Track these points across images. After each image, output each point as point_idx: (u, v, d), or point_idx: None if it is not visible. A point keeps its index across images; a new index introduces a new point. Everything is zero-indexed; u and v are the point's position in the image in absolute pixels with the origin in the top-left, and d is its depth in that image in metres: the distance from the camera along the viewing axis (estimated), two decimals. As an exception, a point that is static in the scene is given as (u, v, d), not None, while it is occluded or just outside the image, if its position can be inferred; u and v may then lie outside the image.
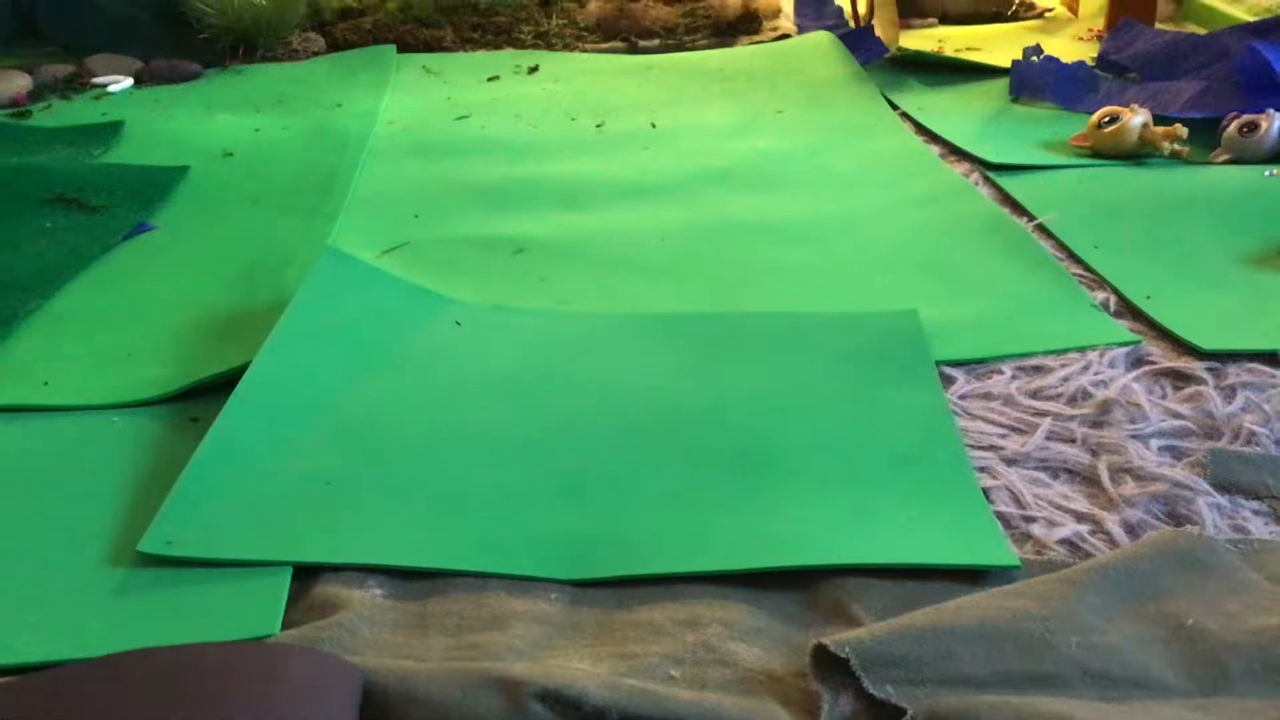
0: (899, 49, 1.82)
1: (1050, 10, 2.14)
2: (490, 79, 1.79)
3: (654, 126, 1.52)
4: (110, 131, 1.51)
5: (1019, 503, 0.70)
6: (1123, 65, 1.65)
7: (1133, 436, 0.76)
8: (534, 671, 0.52)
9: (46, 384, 0.85)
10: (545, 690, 0.51)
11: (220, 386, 0.80)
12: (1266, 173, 1.23)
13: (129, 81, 1.78)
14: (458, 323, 0.93)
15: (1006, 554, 0.64)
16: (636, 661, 0.56)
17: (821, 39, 1.89)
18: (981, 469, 0.73)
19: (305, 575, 0.63)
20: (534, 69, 1.83)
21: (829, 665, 0.54)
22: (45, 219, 1.18)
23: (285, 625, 0.60)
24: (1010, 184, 1.24)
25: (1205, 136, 1.32)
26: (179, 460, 0.72)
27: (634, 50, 1.98)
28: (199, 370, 0.85)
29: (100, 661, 0.51)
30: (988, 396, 0.82)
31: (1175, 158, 1.29)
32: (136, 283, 1.05)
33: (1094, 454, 0.75)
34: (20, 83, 1.70)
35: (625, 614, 0.61)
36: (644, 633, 0.59)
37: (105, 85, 1.76)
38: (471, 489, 0.71)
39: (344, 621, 0.58)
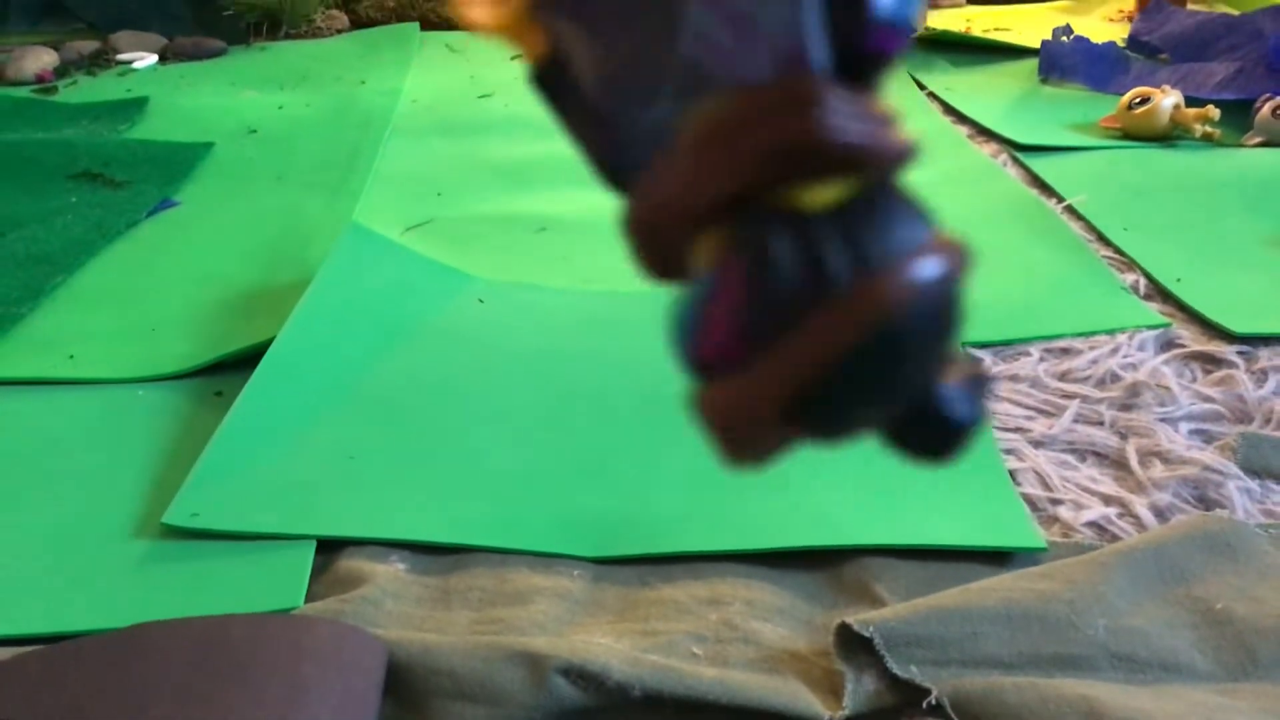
0: (926, 28, 1.80)
1: (1080, -10, 2.12)
2: (514, 57, 1.78)
3: (678, 106, 1.51)
4: (135, 108, 1.51)
5: (1046, 485, 0.69)
6: (1154, 46, 1.63)
7: (1162, 420, 0.75)
8: (557, 646, 0.52)
9: (72, 357, 0.86)
10: (568, 665, 0.51)
11: (245, 361, 0.80)
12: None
13: (154, 58, 1.78)
14: (480, 300, 0.93)
15: (1033, 536, 0.64)
16: (659, 639, 0.56)
17: (847, 19, 1.88)
18: (1008, 451, 0.72)
19: (329, 549, 0.64)
20: (558, 48, 1.83)
21: (853, 644, 0.54)
22: (70, 194, 1.19)
23: (309, 598, 0.60)
24: (1039, 165, 1.23)
25: (1238, 119, 1.30)
26: (204, 434, 0.72)
27: (658, 29, 1.97)
28: (223, 345, 0.85)
29: (125, 632, 0.51)
30: (1015, 378, 0.81)
31: (1207, 140, 1.27)
32: (161, 258, 1.06)
33: (1122, 437, 0.74)
34: (46, 59, 1.70)
35: (648, 591, 0.61)
36: (667, 610, 0.59)
37: (130, 62, 1.76)
38: (494, 465, 0.71)
39: (368, 595, 0.58)
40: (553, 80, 0.25)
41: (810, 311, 0.21)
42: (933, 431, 0.24)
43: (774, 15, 0.22)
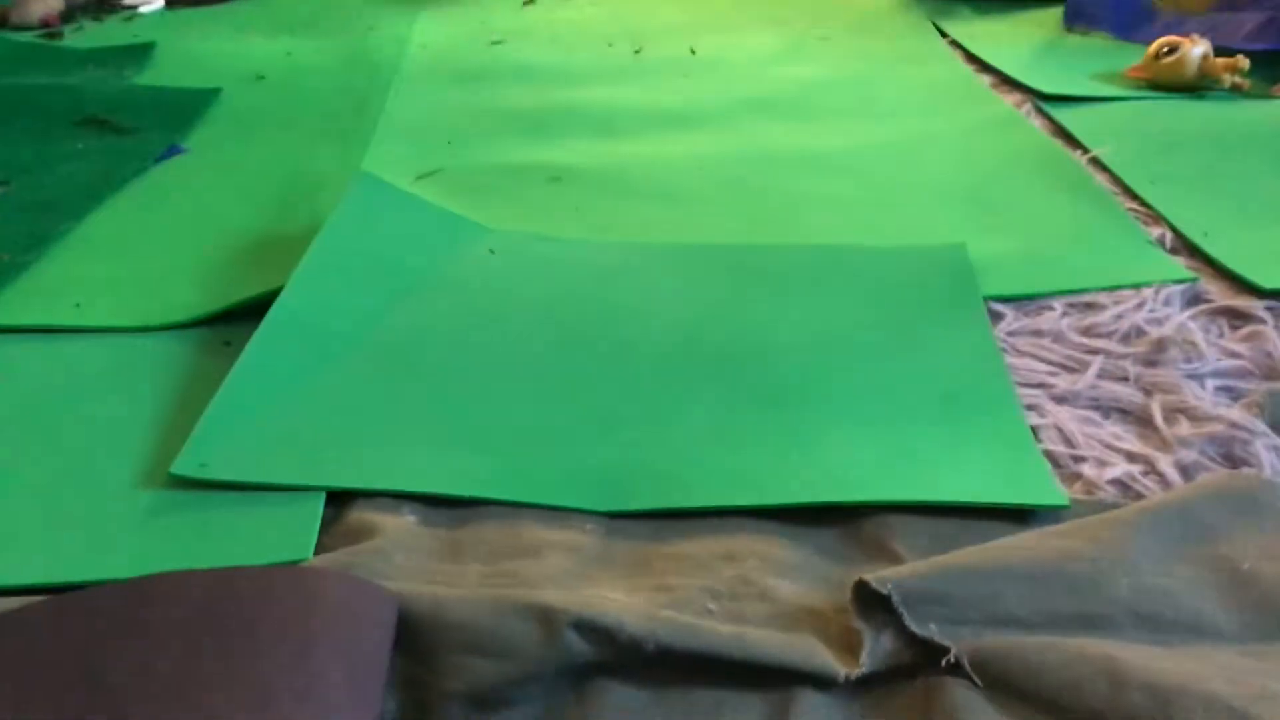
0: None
1: (1105, -63, 2.07)
2: (525, 3, 1.75)
3: (693, 53, 1.48)
4: (141, 53, 1.49)
5: (1069, 442, 0.68)
6: (1182, -6, 1.59)
7: (1188, 376, 0.74)
8: (569, 600, 0.51)
9: (78, 305, 0.84)
10: (581, 618, 0.50)
11: (253, 310, 0.79)
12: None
13: (160, 3, 1.76)
14: (491, 250, 0.91)
15: (1055, 493, 0.62)
16: (673, 594, 0.55)
17: (867, -35, 1.84)
18: (1030, 407, 0.71)
19: (339, 501, 0.63)
20: (571, -7, 1.80)
21: (871, 602, 0.53)
22: (77, 140, 1.17)
23: (318, 550, 0.59)
24: (1063, 115, 1.20)
25: (1268, 69, 1.27)
26: (212, 384, 0.71)
27: (673, -24, 1.93)
28: (231, 294, 0.84)
29: (132, 583, 0.51)
30: (1037, 333, 0.79)
31: (1236, 90, 1.24)
32: (168, 206, 1.04)
33: (1147, 393, 0.72)
34: (52, 4, 1.68)
35: (661, 547, 0.60)
36: (680, 566, 0.58)
37: (136, 7, 1.74)
38: (505, 418, 0.70)
39: (378, 547, 0.58)
40: None
41: None
42: None
43: None
